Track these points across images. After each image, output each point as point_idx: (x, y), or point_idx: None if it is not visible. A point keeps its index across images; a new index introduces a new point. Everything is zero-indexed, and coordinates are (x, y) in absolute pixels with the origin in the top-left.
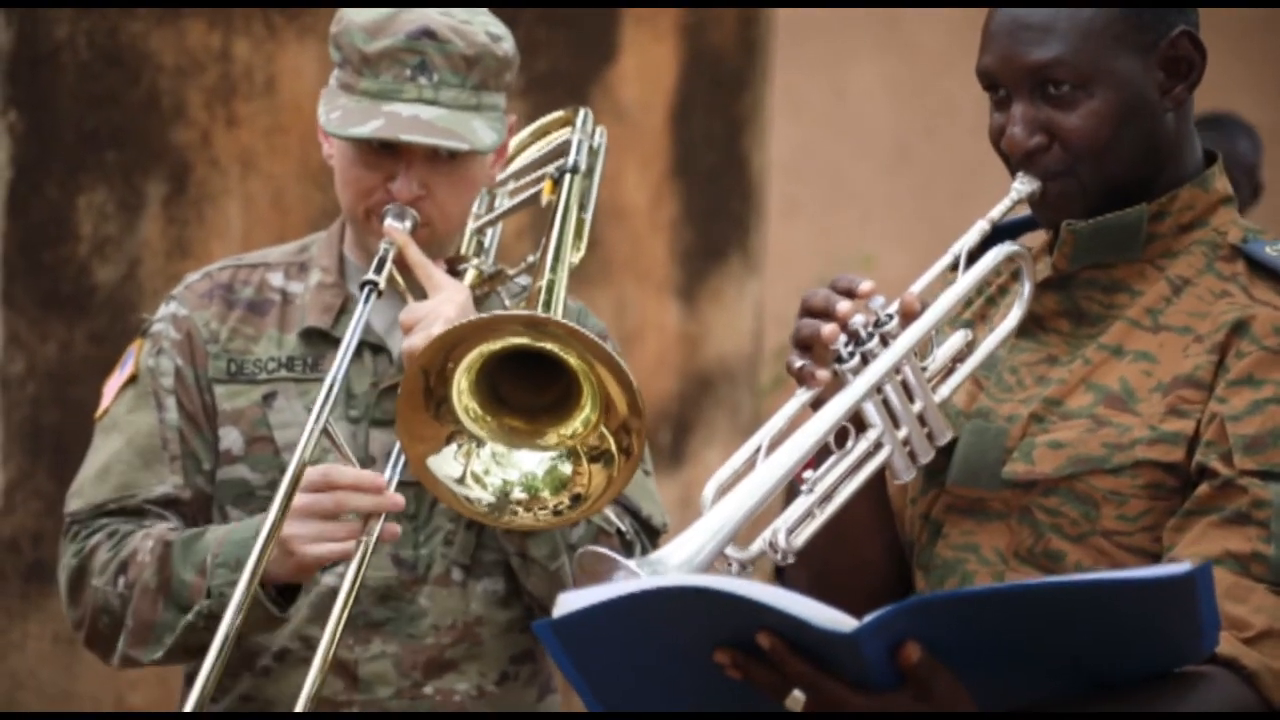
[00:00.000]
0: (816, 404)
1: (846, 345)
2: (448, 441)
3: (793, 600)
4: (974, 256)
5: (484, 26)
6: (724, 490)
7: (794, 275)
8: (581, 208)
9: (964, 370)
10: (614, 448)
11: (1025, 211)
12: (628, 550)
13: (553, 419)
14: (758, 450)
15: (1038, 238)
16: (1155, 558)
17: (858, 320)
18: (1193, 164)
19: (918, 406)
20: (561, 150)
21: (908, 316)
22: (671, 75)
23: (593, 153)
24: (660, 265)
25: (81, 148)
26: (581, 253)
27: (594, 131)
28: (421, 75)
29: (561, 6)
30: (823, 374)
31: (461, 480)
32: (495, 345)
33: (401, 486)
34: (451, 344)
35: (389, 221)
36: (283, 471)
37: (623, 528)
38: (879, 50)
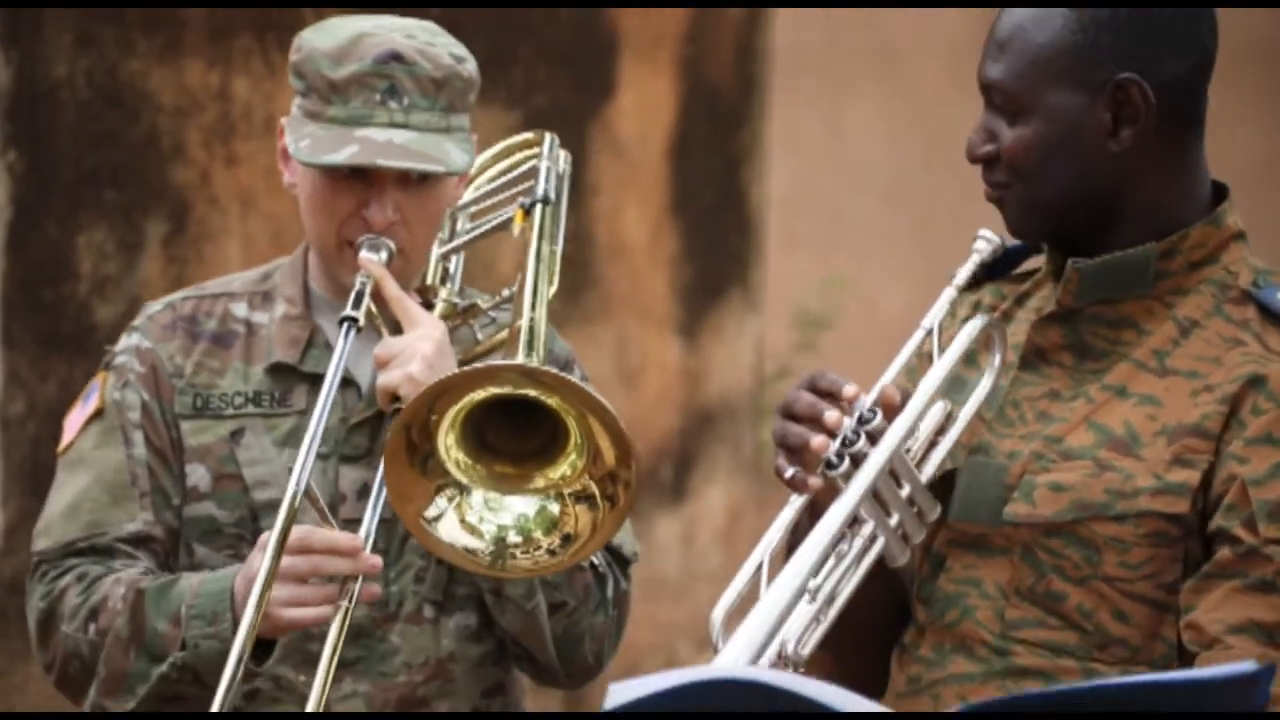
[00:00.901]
0: (812, 507)
1: (835, 450)
2: (437, 494)
3: (842, 698)
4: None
5: (447, 48)
6: (731, 616)
7: (794, 310)
8: (552, 238)
9: (946, 443)
10: (598, 494)
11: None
12: (599, 582)
13: (540, 463)
14: (759, 568)
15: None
16: (1157, 605)
17: (845, 424)
18: (1196, 202)
19: (906, 491)
20: (528, 175)
21: (890, 410)
22: (670, 111)
23: (559, 179)
24: (660, 301)
25: (81, 187)
26: (554, 286)
27: (560, 158)
28: (391, 99)
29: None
30: (815, 481)
31: (458, 532)
32: (482, 395)
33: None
34: (435, 396)
35: (364, 254)
36: (251, 510)
37: (595, 560)
38: (877, 84)
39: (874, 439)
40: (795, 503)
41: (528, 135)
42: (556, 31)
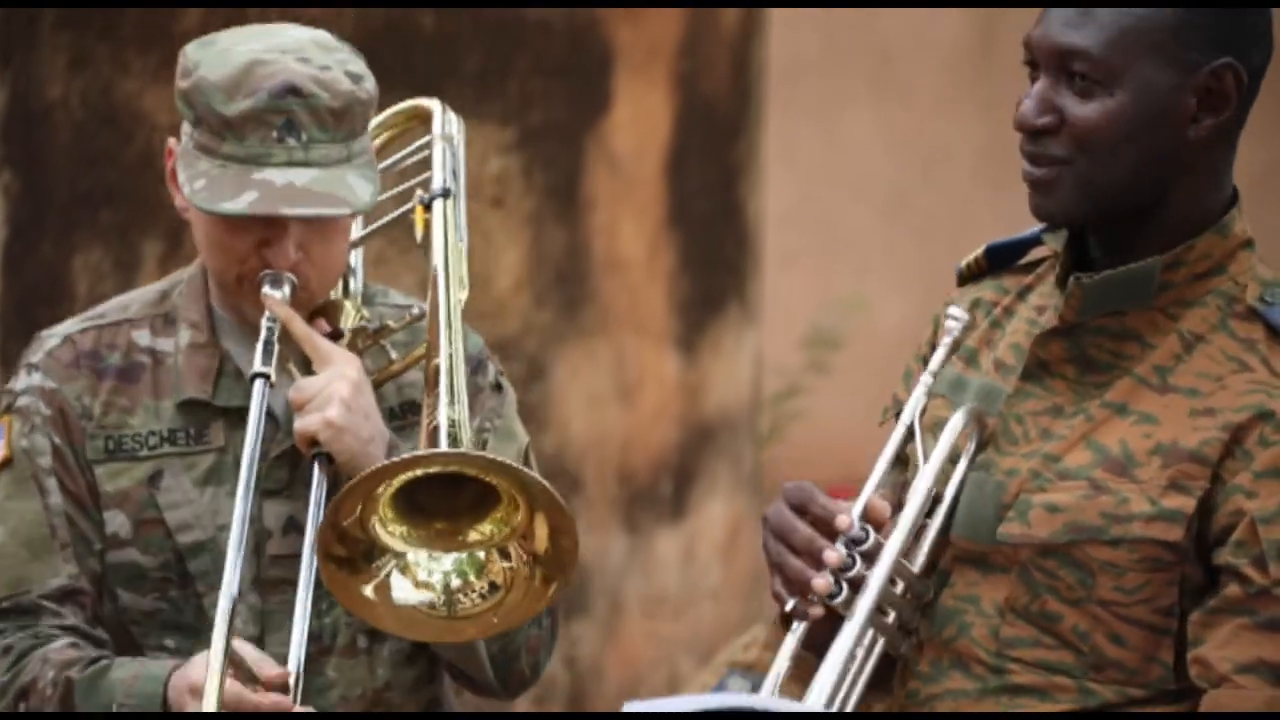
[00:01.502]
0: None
1: (835, 581)
2: (388, 575)
3: None
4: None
5: (342, 67)
6: None
7: (792, 324)
8: (456, 232)
9: (935, 525)
10: (524, 559)
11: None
12: None
13: (473, 517)
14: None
15: (1046, 248)
16: (1153, 629)
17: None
18: (1220, 200)
19: (901, 588)
20: (421, 160)
21: (879, 525)
22: (665, 125)
23: (455, 159)
24: (658, 316)
25: (76, 207)
26: (466, 289)
27: (454, 128)
28: (290, 135)
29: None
30: (816, 611)
31: (412, 592)
32: (409, 476)
33: (299, 558)
34: (362, 494)
35: (267, 290)
36: (176, 553)
37: None
38: (874, 96)
39: (869, 558)
40: (797, 631)
41: (415, 103)
42: (551, 46)
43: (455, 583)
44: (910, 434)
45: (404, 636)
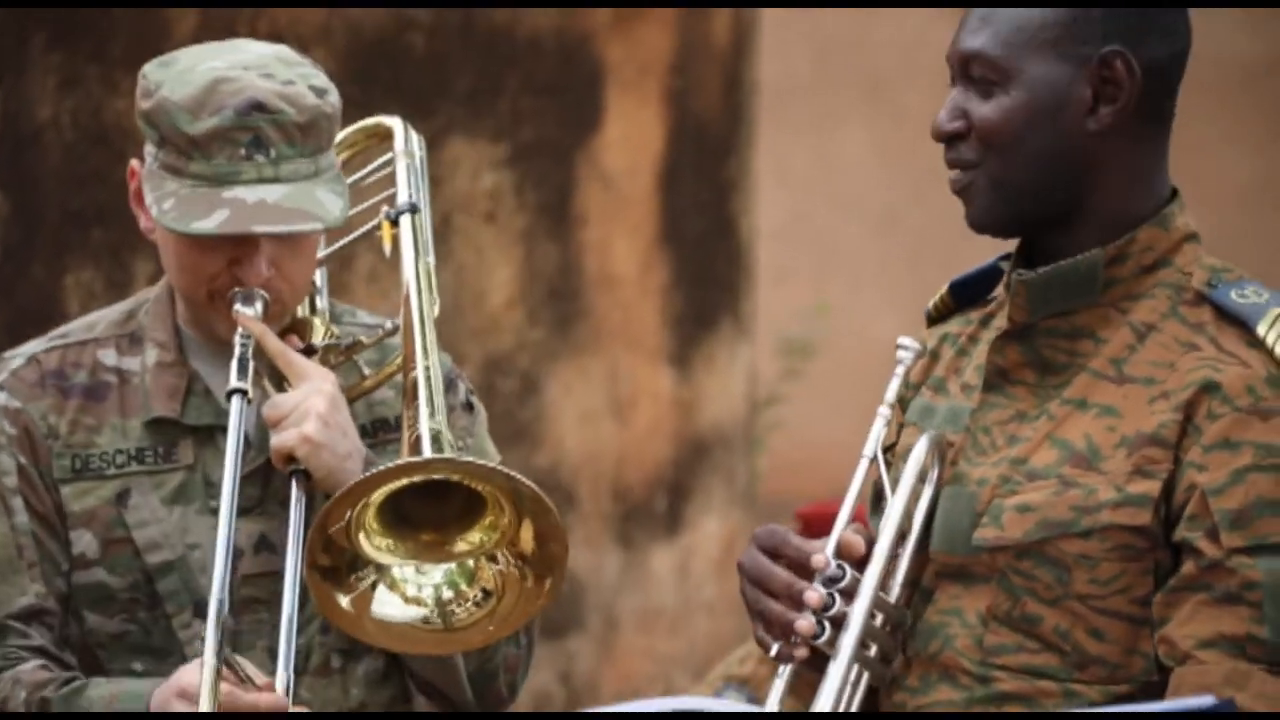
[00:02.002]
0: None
1: (817, 621)
2: (373, 589)
3: None
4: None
5: (306, 81)
6: None
7: (779, 338)
8: (425, 249)
9: (909, 550)
10: (514, 563)
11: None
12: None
13: (461, 527)
14: None
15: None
16: (1132, 620)
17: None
18: (1152, 201)
19: (880, 620)
20: (386, 175)
21: (856, 560)
22: (658, 142)
23: (419, 175)
24: (652, 332)
25: (68, 227)
26: (437, 304)
27: (415, 146)
28: (258, 152)
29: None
30: (802, 652)
31: (405, 609)
32: (394, 486)
33: (271, 576)
34: (356, 500)
35: (239, 307)
36: (145, 573)
37: None
38: (866, 114)
39: (848, 595)
40: (784, 674)
41: (375, 121)
42: (542, 64)
43: (447, 594)
44: (872, 464)
45: (404, 652)
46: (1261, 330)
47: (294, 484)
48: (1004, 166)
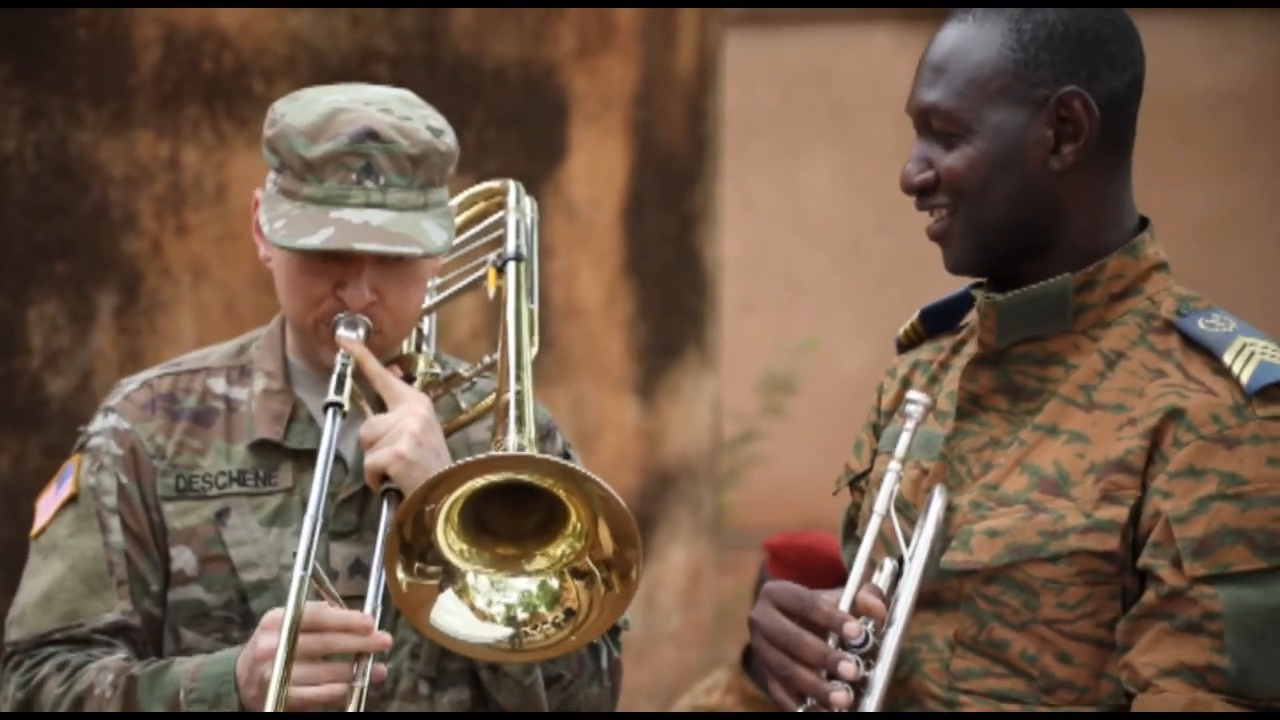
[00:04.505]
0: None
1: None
2: (441, 590)
3: None
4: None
5: (424, 121)
6: None
7: (751, 370)
8: (529, 295)
9: (907, 586)
10: (598, 574)
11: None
12: (593, 653)
13: (540, 541)
14: None
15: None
16: (1099, 644)
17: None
18: (1121, 230)
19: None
20: (496, 227)
21: (875, 618)
22: (622, 173)
23: (529, 231)
24: (617, 363)
25: (31, 259)
26: (535, 347)
27: (526, 207)
28: (368, 178)
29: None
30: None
31: (475, 625)
32: (478, 483)
33: (363, 600)
34: (430, 489)
35: (341, 332)
36: (240, 591)
37: None
38: (830, 145)
39: (870, 657)
40: None
41: (491, 184)
42: (507, 95)
43: (522, 615)
44: (885, 520)
45: (468, 657)
46: (1228, 359)
47: (385, 504)
48: (976, 211)
